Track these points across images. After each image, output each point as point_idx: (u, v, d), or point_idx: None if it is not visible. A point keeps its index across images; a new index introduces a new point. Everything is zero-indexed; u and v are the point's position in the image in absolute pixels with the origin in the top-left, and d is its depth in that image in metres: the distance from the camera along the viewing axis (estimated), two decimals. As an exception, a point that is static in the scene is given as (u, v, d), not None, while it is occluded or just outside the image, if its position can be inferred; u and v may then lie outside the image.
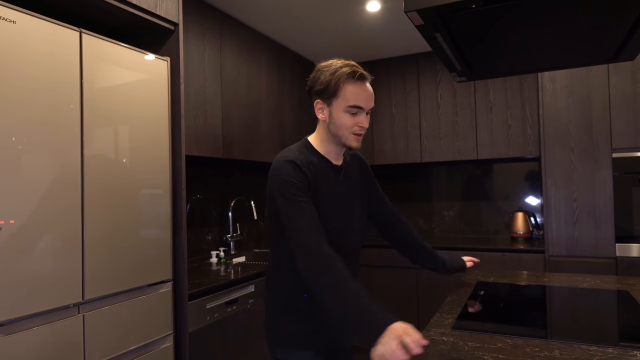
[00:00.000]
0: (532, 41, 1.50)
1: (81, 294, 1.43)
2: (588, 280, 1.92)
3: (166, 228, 1.79)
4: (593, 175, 2.82)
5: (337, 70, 1.25)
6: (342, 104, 1.25)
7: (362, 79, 1.27)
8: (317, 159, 1.29)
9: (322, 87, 1.26)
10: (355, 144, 1.29)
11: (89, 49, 1.50)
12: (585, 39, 1.49)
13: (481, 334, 1.27)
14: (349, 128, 1.26)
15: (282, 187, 1.19)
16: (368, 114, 1.31)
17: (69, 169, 1.42)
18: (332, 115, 1.27)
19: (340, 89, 1.24)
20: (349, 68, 1.26)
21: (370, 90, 1.29)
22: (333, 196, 1.30)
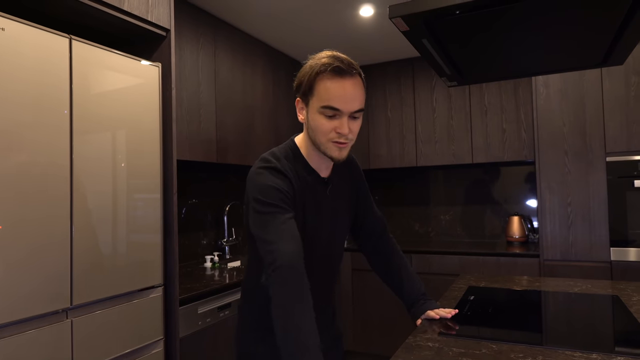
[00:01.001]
0: (520, 46, 1.50)
1: (69, 299, 1.43)
2: (579, 285, 1.92)
3: (157, 233, 1.79)
4: (587, 179, 2.82)
5: (315, 63, 1.05)
6: (317, 104, 1.05)
7: (340, 73, 1.03)
8: (302, 169, 1.13)
9: (299, 83, 1.08)
10: (336, 153, 1.08)
11: (78, 55, 1.51)
12: (572, 43, 1.50)
13: (467, 339, 1.27)
14: (325, 134, 1.06)
15: (262, 193, 1.03)
16: (355, 118, 1.08)
17: (57, 173, 1.42)
18: (308, 116, 1.08)
19: (315, 85, 1.04)
20: (327, 59, 1.04)
21: (351, 89, 1.04)
22: (317, 214, 1.15)
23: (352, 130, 1.07)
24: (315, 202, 1.14)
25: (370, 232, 1.40)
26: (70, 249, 1.45)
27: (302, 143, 1.16)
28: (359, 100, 1.07)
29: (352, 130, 1.07)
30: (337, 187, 1.23)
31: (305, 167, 1.14)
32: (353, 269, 3.49)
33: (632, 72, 2.74)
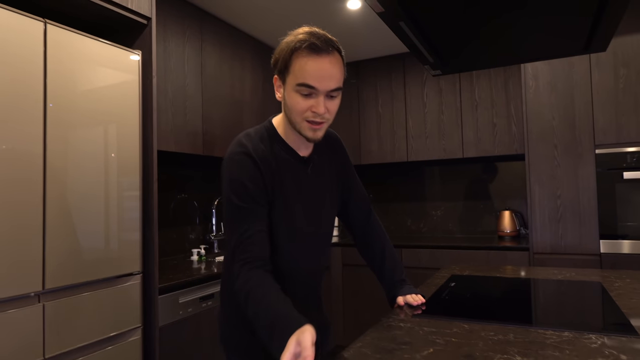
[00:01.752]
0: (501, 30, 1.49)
1: (41, 283, 1.42)
2: (563, 273, 1.90)
3: (135, 220, 1.78)
4: (576, 172, 2.80)
5: (291, 39, 1.02)
6: (292, 82, 1.01)
7: (316, 50, 0.99)
8: (279, 149, 1.09)
9: (275, 60, 1.05)
10: (310, 134, 1.04)
11: (54, 41, 1.51)
12: (553, 28, 1.49)
13: (440, 320, 1.25)
14: (301, 113, 1.02)
15: (231, 186, 1.03)
16: (333, 97, 1.04)
17: (30, 158, 1.42)
18: (285, 94, 1.05)
19: (291, 62, 1.00)
20: (303, 35, 1.00)
21: (328, 67, 1.00)
22: (298, 195, 1.11)
23: (329, 110, 1.03)
24: (295, 181, 1.11)
25: (355, 212, 1.36)
26: (42, 231, 1.43)
27: (279, 123, 1.13)
28: (336, 79, 1.02)
29: (329, 110, 1.04)
30: (319, 165, 1.18)
31: (283, 147, 1.10)
32: (344, 264, 3.47)
33: (621, 63, 2.73)
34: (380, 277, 1.38)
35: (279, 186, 1.08)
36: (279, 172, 1.08)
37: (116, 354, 1.66)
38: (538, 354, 0.97)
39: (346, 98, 3.88)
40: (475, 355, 0.97)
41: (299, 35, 1.02)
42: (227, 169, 1.05)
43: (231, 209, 1.03)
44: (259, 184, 1.04)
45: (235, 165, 1.03)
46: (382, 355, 0.99)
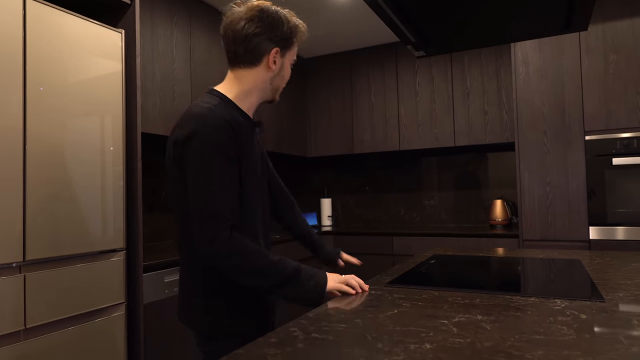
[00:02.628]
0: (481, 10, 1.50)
1: (22, 253, 1.44)
2: (546, 253, 1.91)
3: (119, 199, 1.80)
4: (566, 158, 2.81)
5: (296, 24, 1.20)
6: (291, 58, 1.23)
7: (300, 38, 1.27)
8: (238, 115, 1.14)
9: (284, 37, 1.18)
10: (279, 98, 1.30)
11: (33, 16, 1.52)
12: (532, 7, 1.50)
13: (411, 288, 1.26)
14: (286, 81, 1.25)
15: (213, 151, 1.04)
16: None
17: (10, 131, 1.43)
18: (282, 67, 1.21)
19: (293, 45, 1.22)
20: (303, 26, 1.23)
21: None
22: (255, 158, 1.18)
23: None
24: (251, 141, 1.16)
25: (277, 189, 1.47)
26: (23, 204, 1.45)
27: (229, 91, 1.18)
28: None
29: None
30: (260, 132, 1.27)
31: (240, 113, 1.16)
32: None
33: (611, 49, 2.73)
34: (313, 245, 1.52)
35: (243, 152, 1.11)
36: (243, 136, 1.12)
37: (100, 327, 1.68)
38: (500, 314, 0.98)
39: (339, 87, 3.89)
40: (438, 315, 0.99)
41: (299, 25, 1.22)
42: (207, 134, 1.04)
43: (212, 173, 1.03)
44: (236, 148, 1.08)
45: (216, 130, 1.05)
46: (346, 315, 1.01)
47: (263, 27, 1.13)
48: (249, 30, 1.12)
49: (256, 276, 1.05)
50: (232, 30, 1.13)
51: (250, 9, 1.13)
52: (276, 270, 1.06)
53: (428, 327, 0.90)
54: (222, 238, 1.01)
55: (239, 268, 1.04)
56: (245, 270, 1.04)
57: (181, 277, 1.19)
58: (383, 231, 3.34)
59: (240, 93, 1.18)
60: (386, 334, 0.86)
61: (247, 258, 1.04)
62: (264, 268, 1.05)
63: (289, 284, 1.07)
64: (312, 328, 0.92)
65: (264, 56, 1.15)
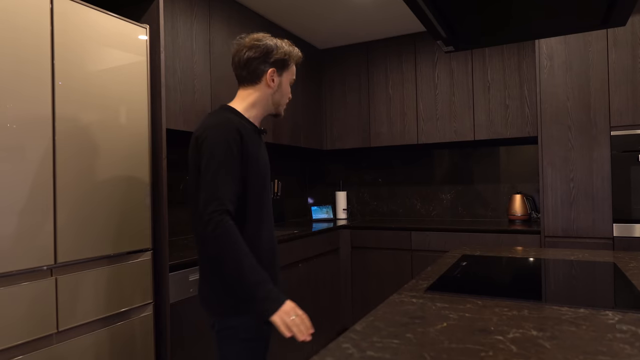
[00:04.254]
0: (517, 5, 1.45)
1: (53, 257, 1.43)
2: (576, 254, 1.88)
3: (145, 197, 1.78)
4: (591, 154, 2.75)
5: (291, 49, 1.44)
6: (289, 77, 1.46)
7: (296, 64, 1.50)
8: (246, 124, 1.36)
9: (280, 59, 1.41)
10: (283, 113, 1.51)
11: (61, 12, 1.49)
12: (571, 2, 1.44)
13: (452, 296, 1.24)
14: (287, 97, 1.47)
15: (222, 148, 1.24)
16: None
17: (39, 131, 1.41)
18: (281, 85, 1.44)
19: (291, 65, 1.45)
20: (298, 51, 1.47)
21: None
22: (263, 160, 1.39)
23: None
24: (259, 151, 1.37)
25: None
26: (53, 207, 1.43)
27: (238, 106, 1.40)
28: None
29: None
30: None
31: (248, 122, 1.38)
32: (352, 247, 3.47)
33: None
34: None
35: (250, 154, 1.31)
36: (249, 139, 1.32)
37: (129, 328, 1.67)
38: (555, 329, 0.95)
39: (355, 80, 3.83)
40: (490, 329, 0.96)
41: (295, 50, 1.45)
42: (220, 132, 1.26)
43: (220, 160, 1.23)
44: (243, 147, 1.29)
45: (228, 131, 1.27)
46: (395, 328, 0.99)
47: (259, 52, 1.38)
48: (249, 56, 1.38)
49: (231, 265, 1.17)
50: (238, 57, 1.40)
51: (251, 39, 1.39)
52: (249, 269, 1.17)
53: (485, 344, 0.88)
54: (214, 220, 1.17)
55: (221, 250, 1.17)
56: (225, 255, 1.17)
57: (199, 263, 1.37)
58: (401, 226, 3.31)
59: (247, 106, 1.41)
60: (444, 352, 0.84)
61: (231, 245, 1.17)
62: (241, 261, 1.17)
63: (249, 289, 1.17)
64: (364, 344, 0.90)
65: (263, 76, 1.39)
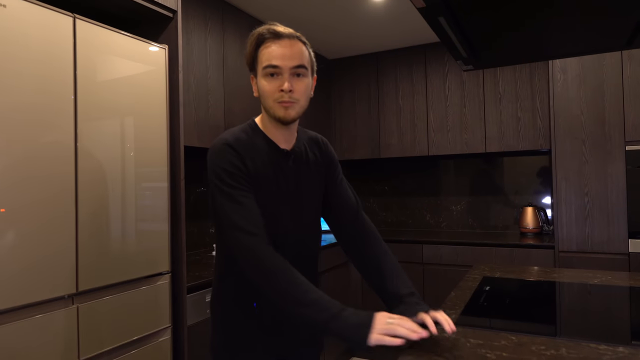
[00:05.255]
0: (541, 26, 1.43)
1: (75, 285, 1.40)
2: (598, 277, 1.86)
3: (164, 219, 1.75)
4: (605, 169, 2.73)
5: (252, 35, 1.11)
6: (260, 69, 1.09)
7: (277, 35, 1.08)
8: (261, 141, 1.13)
9: (246, 59, 1.13)
10: (281, 113, 1.08)
11: (83, 36, 1.47)
12: (597, 23, 1.42)
13: (485, 330, 1.22)
14: (271, 94, 1.08)
15: (218, 177, 1.05)
16: (299, 76, 1.09)
17: (61, 156, 1.39)
18: (258, 86, 1.12)
19: (258, 55, 1.10)
20: (260, 29, 1.10)
21: (289, 47, 1.08)
22: (278, 186, 1.12)
23: (295, 89, 1.08)
24: (274, 173, 1.13)
25: (341, 214, 1.27)
26: (75, 234, 1.41)
27: (260, 119, 1.18)
28: (299, 57, 1.09)
29: (296, 89, 1.08)
30: (302, 159, 1.19)
31: (264, 139, 1.15)
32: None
33: (655, 57, 2.63)
34: (379, 287, 1.20)
35: (258, 176, 1.10)
36: (258, 162, 1.10)
37: (148, 354, 1.65)
38: (598, 372, 0.93)
39: (365, 90, 3.81)
40: (533, 373, 0.94)
41: (260, 29, 1.11)
42: (211, 159, 1.09)
43: (221, 195, 1.05)
44: (243, 169, 1.07)
45: (218, 155, 1.07)
46: (434, 371, 0.96)
47: (245, 58, 1.15)
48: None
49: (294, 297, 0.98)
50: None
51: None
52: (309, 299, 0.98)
53: (532, 393, 0.85)
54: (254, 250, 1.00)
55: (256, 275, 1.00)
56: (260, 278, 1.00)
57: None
58: (412, 238, 3.29)
59: (263, 121, 1.17)
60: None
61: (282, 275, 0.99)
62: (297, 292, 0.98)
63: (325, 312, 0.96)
64: (408, 392, 0.87)
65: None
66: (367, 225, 1.28)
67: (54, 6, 1.41)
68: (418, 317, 1.07)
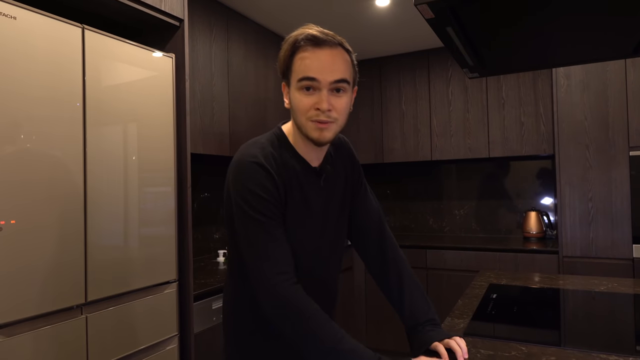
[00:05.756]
0: (548, 35, 1.44)
1: (84, 295, 1.41)
2: (605, 284, 1.86)
3: (171, 228, 1.76)
4: (609, 174, 2.74)
5: (289, 38, 0.97)
6: (295, 80, 0.95)
7: (316, 43, 0.94)
8: (290, 157, 1.01)
9: (279, 65, 1.00)
10: (316, 134, 0.95)
11: (91, 46, 1.48)
12: (604, 32, 1.43)
13: (494, 340, 1.22)
14: (305, 112, 0.94)
15: (246, 200, 0.93)
16: (339, 92, 0.96)
17: (71, 166, 1.39)
18: (290, 97, 0.98)
19: (293, 61, 0.96)
20: (299, 31, 0.96)
21: (329, 58, 0.94)
22: (308, 209, 1.02)
23: (334, 107, 0.95)
24: (303, 194, 1.01)
25: (365, 232, 1.19)
26: (84, 244, 1.42)
27: (289, 131, 1.05)
28: (341, 70, 0.95)
29: (335, 107, 0.95)
30: (332, 177, 1.09)
31: (294, 156, 1.02)
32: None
33: (658, 63, 2.64)
34: (399, 307, 1.16)
35: (289, 198, 0.99)
36: (289, 183, 0.99)
37: (154, 363, 1.65)
38: (610, 385, 0.93)
39: (368, 95, 3.82)
40: (545, 385, 0.94)
41: (298, 32, 0.97)
42: (237, 179, 0.96)
43: (247, 222, 0.93)
44: (274, 195, 0.95)
45: (247, 175, 0.94)
46: (446, 383, 0.96)
47: (277, 63, 1.01)
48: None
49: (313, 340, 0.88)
50: None
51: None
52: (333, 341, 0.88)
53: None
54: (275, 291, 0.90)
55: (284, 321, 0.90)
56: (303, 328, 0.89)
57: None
58: (416, 243, 3.29)
59: (292, 132, 1.04)
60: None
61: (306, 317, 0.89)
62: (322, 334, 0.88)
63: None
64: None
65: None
66: (391, 244, 1.20)
67: (63, 17, 1.41)
68: (432, 347, 1.04)
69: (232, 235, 1.02)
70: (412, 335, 1.12)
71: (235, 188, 0.96)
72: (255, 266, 0.92)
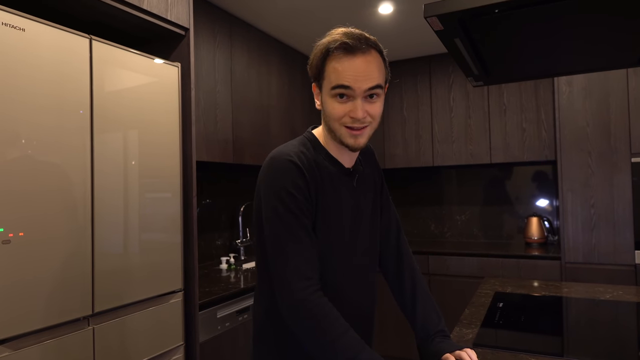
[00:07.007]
0: (554, 45, 1.45)
1: (91, 306, 1.40)
2: (610, 292, 1.86)
3: (177, 236, 1.76)
4: (611, 180, 2.75)
5: (321, 43, 0.97)
6: (328, 87, 0.95)
7: (350, 50, 0.93)
8: (324, 159, 1.01)
9: (310, 69, 1.00)
10: (351, 141, 0.96)
11: (99, 56, 1.48)
12: (609, 43, 1.44)
13: (504, 351, 1.22)
14: (338, 118, 0.95)
15: (280, 199, 0.92)
16: (373, 98, 0.96)
17: (79, 176, 1.39)
18: (322, 102, 0.99)
19: (325, 67, 0.96)
20: (335, 37, 0.95)
21: (363, 66, 0.93)
22: (342, 210, 1.01)
23: (369, 113, 0.96)
24: (337, 195, 1.01)
25: (384, 232, 1.20)
26: (91, 254, 1.41)
27: (320, 133, 1.06)
28: (374, 77, 0.95)
29: (370, 113, 0.96)
30: (364, 178, 1.10)
31: (327, 157, 1.02)
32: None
33: (660, 70, 2.66)
34: (411, 317, 1.15)
35: (320, 199, 0.98)
36: (322, 184, 0.99)
37: (161, 373, 1.65)
38: (622, 399, 0.93)
39: (370, 100, 3.82)
40: (558, 399, 0.94)
41: (331, 37, 0.97)
42: (270, 177, 0.95)
43: (280, 221, 0.92)
44: (307, 194, 0.95)
45: (280, 174, 0.94)
46: (459, 397, 0.96)
47: (309, 64, 1.01)
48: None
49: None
50: None
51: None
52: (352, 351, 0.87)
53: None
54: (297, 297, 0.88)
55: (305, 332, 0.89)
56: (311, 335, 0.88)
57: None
58: (418, 249, 3.29)
59: (324, 135, 1.04)
60: None
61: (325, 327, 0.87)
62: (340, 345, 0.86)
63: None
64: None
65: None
66: (407, 251, 1.21)
67: (70, 28, 1.41)
68: (443, 358, 1.04)
69: (260, 241, 1.00)
70: (423, 346, 1.12)
71: (266, 185, 0.96)
72: (279, 270, 0.91)
